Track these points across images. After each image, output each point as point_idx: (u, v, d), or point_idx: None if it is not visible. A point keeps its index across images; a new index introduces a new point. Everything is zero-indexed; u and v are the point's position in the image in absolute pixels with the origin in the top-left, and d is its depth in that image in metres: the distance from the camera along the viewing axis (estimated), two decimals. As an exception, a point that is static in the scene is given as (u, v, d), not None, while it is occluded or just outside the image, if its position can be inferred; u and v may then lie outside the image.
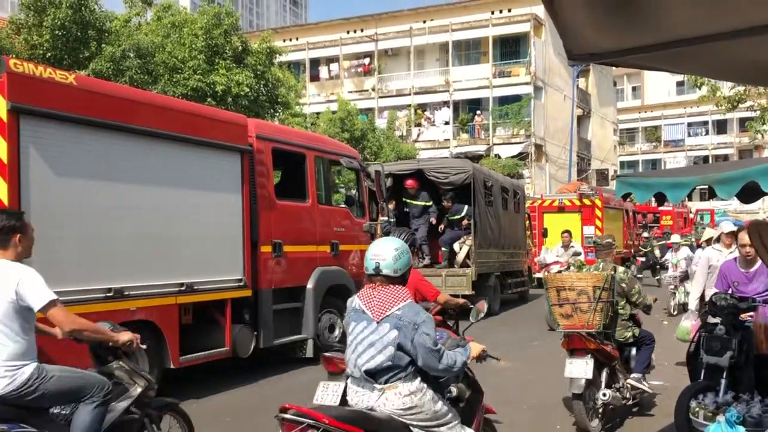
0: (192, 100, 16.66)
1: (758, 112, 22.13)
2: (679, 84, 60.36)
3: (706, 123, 59.30)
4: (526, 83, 36.58)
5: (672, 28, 2.80)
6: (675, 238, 14.47)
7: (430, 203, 14.00)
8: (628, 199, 6.48)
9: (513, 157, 35.43)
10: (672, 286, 14.35)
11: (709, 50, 2.97)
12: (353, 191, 12.39)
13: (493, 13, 37.96)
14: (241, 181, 8.15)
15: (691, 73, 10.50)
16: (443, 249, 14.17)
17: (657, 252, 20.87)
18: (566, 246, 13.81)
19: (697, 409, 5.19)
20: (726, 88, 21.51)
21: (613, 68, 39.03)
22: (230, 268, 8.05)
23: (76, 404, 3.90)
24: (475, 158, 30.10)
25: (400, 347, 3.44)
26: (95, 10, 17.23)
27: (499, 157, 35.26)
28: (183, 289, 7.31)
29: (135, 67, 17.50)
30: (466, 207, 13.82)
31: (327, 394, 4.44)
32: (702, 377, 5.63)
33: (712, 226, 35.39)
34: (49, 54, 16.34)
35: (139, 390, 4.24)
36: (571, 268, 9.34)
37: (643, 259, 21.78)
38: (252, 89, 19.75)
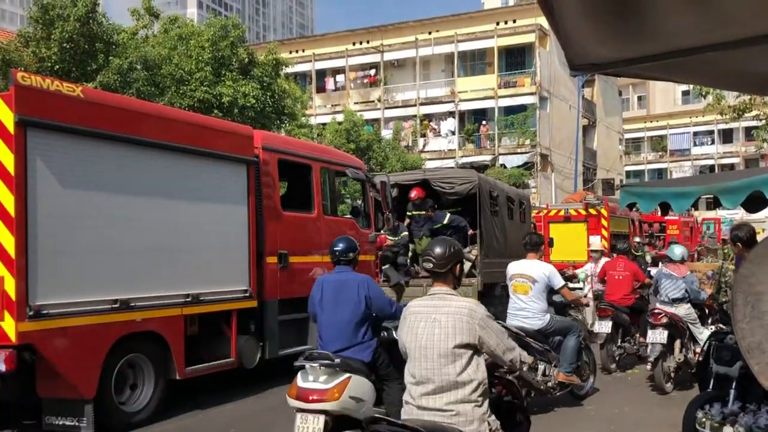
0: (198, 111, 16.78)
1: (764, 121, 22.06)
2: (685, 93, 60.29)
3: (711, 132, 59.13)
4: (532, 93, 36.62)
5: (673, 38, 2.81)
6: (595, 244, 11.68)
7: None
8: (633, 209, 6.67)
9: (519, 167, 35.40)
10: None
11: (710, 60, 2.97)
12: (359, 202, 12.38)
13: (498, 24, 38.06)
14: (247, 192, 8.18)
15: (694, 83, 10.54)
16: None
17: (648, 258, 20.82)
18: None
19: (704, 419, 5.13)
20: (731, 97, 21.43)
21: (618, 78, 39.02)
22: (236, 278, 8.06)
23: (564, 336, 7.01)
24: (481, 168, 30.08)
25: (686, 290, 8.11)
26: (103, 23, 17.37)
27: (505, 167, 35.25)
28: (189, 300, 7.32)
29: (142, 79, 17.63)
30: (447, 214, 13.68)
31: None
32: (711, 387, 5.58)
33: (719, 236, 35.08)
34: (57, 67, 16.45)
35: (583, 332, 7.33)
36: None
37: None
38: (258, 101, 19.84)
